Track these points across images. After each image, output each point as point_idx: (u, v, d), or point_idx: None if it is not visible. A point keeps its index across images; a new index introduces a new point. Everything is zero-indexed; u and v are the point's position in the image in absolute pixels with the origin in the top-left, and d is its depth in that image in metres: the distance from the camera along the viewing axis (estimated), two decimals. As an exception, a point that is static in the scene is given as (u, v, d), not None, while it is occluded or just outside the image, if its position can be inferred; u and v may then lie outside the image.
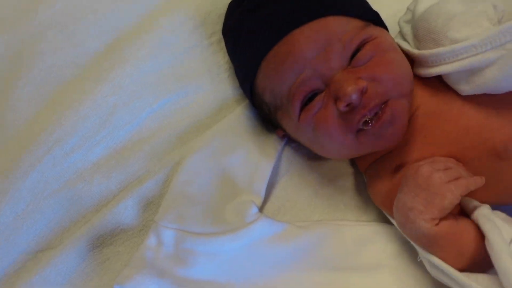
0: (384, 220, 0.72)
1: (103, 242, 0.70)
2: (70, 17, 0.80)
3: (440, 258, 0.58)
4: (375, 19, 0.67)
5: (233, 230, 0.67)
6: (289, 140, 0.77)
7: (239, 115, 0.77)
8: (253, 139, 0.75)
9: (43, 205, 0.71)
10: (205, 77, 0.80)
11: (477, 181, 0.59)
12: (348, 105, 0.59)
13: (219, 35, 0.83)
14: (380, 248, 0.69)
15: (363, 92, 0.59)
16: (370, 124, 0.60)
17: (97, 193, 0.72)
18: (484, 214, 0.59)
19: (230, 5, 0.78)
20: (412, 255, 0.67)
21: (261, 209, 0.72)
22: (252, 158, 0.74)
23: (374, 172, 0.71)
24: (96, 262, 0.69)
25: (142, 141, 0.75)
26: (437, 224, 0.57)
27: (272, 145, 0.75)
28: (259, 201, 0.71)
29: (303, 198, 0.75)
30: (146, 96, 0.77)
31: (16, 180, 0.71)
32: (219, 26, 0.83)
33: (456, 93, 0.64)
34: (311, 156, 0.77)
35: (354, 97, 0.58)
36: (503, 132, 0.61)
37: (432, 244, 0.59)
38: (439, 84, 0.66)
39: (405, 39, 0.70)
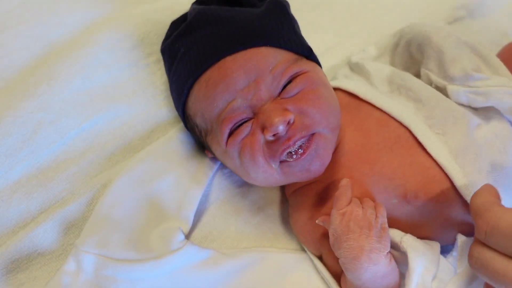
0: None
1: (18, 266, 0.67)
2: (-3, 27, 0.77)
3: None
4: (307, 54, 0.69)
5: (156, 257, 0.66)
6: (221, 166, 0.77)
7: (171, 138, 0.76)
8: (184, 164, 0.75)
9: (-46, 225, 0.67)
10: (139, 98, 0.79)
11: (382, 206, 0.63)
12: (274, 135, 0.60)
13: (156, 56, 0.82)
14: (303, 277, 0.71)
15: (289, 124, 0.60)
16: (294, 156, 0.61)
17: (15, 214, 0.69)
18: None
19: (172, 23, 0.77)
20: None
21: (188, 235, 0.72)
22: (182, 183, 0.73)
23: (297, 200, 0.73)
24: (9, 288, 0.66)
25: (68, 162, 0.73)
26: (390, 260, 0.61)
27: (203, 171, 0.75)
28: (186, 228, 0.70)
29: (232, 225, 0.75)
30: (75, 114, 0.74)
31: None
32: (157, 47, 0.82)
33: (377, 137, 0.68)
34: (242, 183, 0.78)
35: (281, 128, 0.59)
36: (415, 180, 0.65)
37: (385, 277, 0.61)
38: (367, 124, 0.69)
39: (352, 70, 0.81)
